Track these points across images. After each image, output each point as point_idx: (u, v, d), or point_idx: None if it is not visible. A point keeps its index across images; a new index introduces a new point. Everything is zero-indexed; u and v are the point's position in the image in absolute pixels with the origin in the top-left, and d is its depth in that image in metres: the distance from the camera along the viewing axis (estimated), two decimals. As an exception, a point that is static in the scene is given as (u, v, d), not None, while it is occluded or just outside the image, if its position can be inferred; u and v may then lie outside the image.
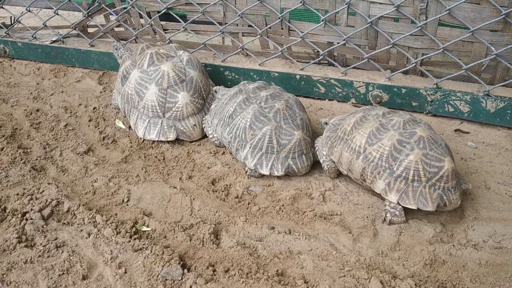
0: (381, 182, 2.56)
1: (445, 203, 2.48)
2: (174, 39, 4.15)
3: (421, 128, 2.55)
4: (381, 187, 2.57)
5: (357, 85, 3.50)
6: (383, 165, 2.55)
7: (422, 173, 2.47)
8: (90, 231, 2.41)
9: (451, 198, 2.50)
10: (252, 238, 2.45)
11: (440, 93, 3.31)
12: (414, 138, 2.52)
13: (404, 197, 2.51)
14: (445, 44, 3.22)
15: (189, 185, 2.84)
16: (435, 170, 2.47)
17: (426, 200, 2.48)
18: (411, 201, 2.49)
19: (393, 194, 2.52)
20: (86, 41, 4.29)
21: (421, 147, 2.49)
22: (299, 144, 2.86)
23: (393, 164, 2.53)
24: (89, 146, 3.20)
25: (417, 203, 2.48)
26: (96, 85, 4.05)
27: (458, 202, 2.52)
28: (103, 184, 2.82)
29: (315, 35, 3.63)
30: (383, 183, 2.56)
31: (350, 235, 2.45)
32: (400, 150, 2.51)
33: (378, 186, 2.58)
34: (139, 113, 3.24)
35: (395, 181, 2.53)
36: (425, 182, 2.49)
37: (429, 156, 2.48)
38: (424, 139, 2.51)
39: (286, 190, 2.82)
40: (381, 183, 2.56)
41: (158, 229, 2.48)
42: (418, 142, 2.51)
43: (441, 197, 2.48)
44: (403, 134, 2.55)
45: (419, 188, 2.49)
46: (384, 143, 2.55)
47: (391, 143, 2.53)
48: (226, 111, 3.00)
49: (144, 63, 3.25)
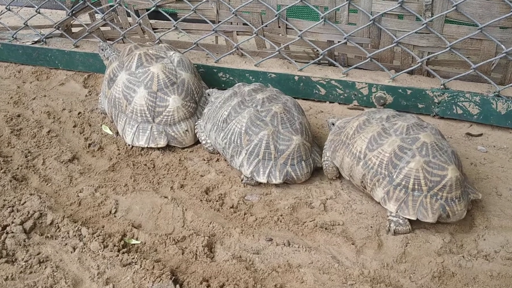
0: (380, 190, 2.58)
1: (448, 214, 2.49)
2: (164, 38, 4.17)
3: (425, 134, 2.57)
4: (380, 195, 2.59)
5: (360, 86, 3.52)
6: (383, 172, 2.57)
7: (423, 181, 2.48)
8: (75, 245, 2.41)
9: (454, 209, 2.50)
10: (248, 250, 2.45)
11: (447, 94, 3.34)
12: (416, 144, 2.53)
13: (403, 206, 2.52)
14: (453, 42, 3.24)
15: (181, 195, 2.84)
16: (437, 179, 2.48)
17: (427, 210, 2.49)
18: (410, 211, 2.50)
19: (392, 203, 2.54)
20: (70, 42, 4.31)
21: (423, 154, 2.50)
22: (298, 149, 2.87)
23: (393, 172, 2.54)
24: (74, 154, 3.20)
25: (417, 214, 2.49)
26: (81, 88, 4.06)
27: (463, 213, 2.53)
28: (89, 195, 2.83)
29: (315, 33, 3.65)
30: (382, 191, 2.58)
31: (353, 246, 2.46)
32: (401, 157, 2.53)
33: (377, 194, 2.60)
34: (127, 118, 3.25)
35: (394, 189, 2.54)
36: (426, 192, 2.50)
37: (432, 164, 2.49)
38: (428, 146, 2.52)
39: (284, 199, 2.82)
40: (380, 191, 2.58)
41: (148, 242, 2.48)
42: (421, 148, 2.52)
43: (444, 208, 2.49)
44: (405, 140, 2.56)
45: (420, 198, 2.50)
46: (384, 149, 2.57)
47: (392, 149, 2.55)
48: (220, 115, 3.02)
49: (132, 65, 3.26)
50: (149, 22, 4.15)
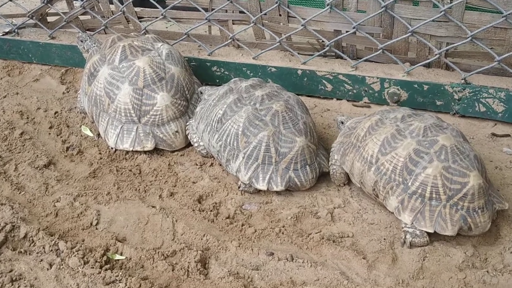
0: (394, 199, 2.58)
1: (469, 226, 2.49)
2: (151, 29, 4.17)
3: (445, 136, 2.56)
4: (393, 205, 2.59)
5: (370, 81, 3.52)
6: (397, 179, 2.58)
7: (442, 190, 2.48)
8: (52, 261, 2.40)
9: (477, 220, 2.50)
10: (247, 266, 2.45)
11: (469, 90, 3.34)
12: (434, 148, 2.53)
13: (419, 217, 2.52)
14: (474, 32, 3.24)
15: (170, 204, 2.84)
16: (458, 187, 2.47)
17: (446, 222, 2.48)
18: (427, 223, 2.50)
19: (406, 213, 2.54)
20: (45, 32, 4.30)
21: (442, 159, 2.50)
22: (302, 152, 2.87)
23: (408, 178, 2.54)
24: (50, 159, 3.20)
25: (435, 226, 2.49)
26: (58, 84, 4.05)
27: (486, 225, 2.52)
28: (67, 204, 2.82)
29: (320, 22, 3.65)
30: (396, 201, 2.58)
31: (364, 261, 2.46)
32: (417, 161, 2.53)
33: (391, 203, 2.60)
34: (110, 118, 3.25)
35: (409, 198, 2.54)
36: (445, 201, 2.50)
37: (451, 170, 2.48)
38: (447, 149, 2.52)
39: (287, 208, 2.82)
40: (394, 200, 2.58)
41: (133, 258, 2.47)
42: (439, 152, 2.52)
43: (465, 219, 2.48)
44: (422, 143, 2.56)
45: (438, 208, 2.50)
46: (398, 152, 2.57)
47: (407, 153, 2.55)
48: (214, 114, 3.02)
49: (115, 58, 3.26)
50: (134, 10, 4.15)
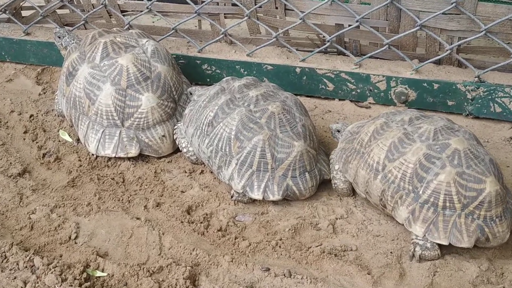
0: (404, 210, 2.59)
1: (487, 237, 2.50)
2: (136, 23, 4.17)
3: (457, 139, 2.57)
4: (403, 215, 2.59)
5: (376, 79, 3.54)
6: (406, 187, 2.58)
7: (456, 198, 2.49)
8: (26, 279, 2.40)
9: (495, 230, 2.51)
10: (240, 283, 2.44)
11: (483, 89, 3.36)
12: (446, 152, 2.54)
13: (432, 229, 2.52)
14: (488, 25, 3.26)
15: (157, 215, 2.84)
16: (474, 194, 2.48)
17: (461, 233, 2.49)
18: (441, 234, 2.51)
19: (418, 225, 2.54)
20: (19, 28, 4.30)
21: (455, 164, 2.51)
22: (301, 158, 2.88)
23: (419, 186, 2.55)
24: (24, 166, 3.20)
25: (449, 238, 2.50)
26: (34, 85, 4.06)
27: (506, 235, 2.54)
28: (43, 216, 2.82)
29: (320, 15, 3.67)
30: (406, 211, 2.58)
31: (369, 276, 2.46)
32: (428, 168, 2.54)
33: (400, 214, 2.61)
34: (90, 121, 3.25)
35: (421, 208, 2.55)
36: (460, 210, 2.51)
37: (466, 176, 2.49)
38: (460, 153, 2.53)
39: (284, 219, 2.83)
40: (404, 210, 2.59)
41: (116, 274, 2.47)
42: (452, 157, 2.52)
43: (482, 230, 2.49)
44: (433, 147, 2.57)
45: (453, 218, 2.51)
46: (407, 158, 2.58)
47: (417, 158, 2.56)
48: (204, 117, 3.03)
49: (96, 56, 3.27)
50: (116, 3, 4.16)
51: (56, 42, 3.70)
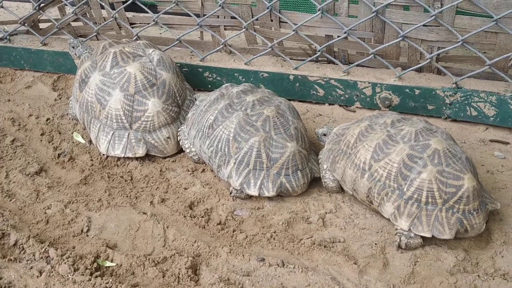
0: (390, 206, 2.60)
1: (466, 228, 2.51)
2: (145, 35, 4.18)
3: (436, 140, 2.58)
4: (389, 211, 2.60)
5: (362, 86, 3.54)
6: (392, 185, 2.59)
7: (437, 194, 2.50)
8: (42, 269, 2.40)
9: (473, 222, 2.53)
10: (237, 272, 2.45)
11: (460, 94, 3.36)
12: (427, 152, 2.55)
13: (416, 223, 2.54)
14: (465, 36, 3.26)
15: (162, 210, 2.84)
16: (453, 190, 2.50)
17: (443, 226, 2.50)
18: (424, 227, 2.52)
19: (403, 219, 2.56)
20: (37, 39, 4.30)
21: (435, 163, 2.52)
22: (293, 158, 2.88)
23: (403, 184, 2.56)
24: (41, 166, 3.20)
25: (432, 230, 2.51)
26: (50, 91, 4.06)
27: (482, 226, 2.55)
28: (58, 211, 2.82)
29: (311, 27, 3.67)
30: (391, 207, 2.59)
31: (355, 266, 2.46)
32: (411, 167, 2.55)
33: (387, 210, 2.61)
34: (101, 124, 3.25)
35: (405, 204, 2.56)
36: (441, 205, 2.52)
37: (446, 174, 2.51)
38: (440, 153, 2.54)
39: (278, 213, 2.83)
40: (390, 206, 2.60)
41: (124, 264, 2.47)
42: (433, 156, 2.54)
43: (461, 222, 2.51)
44: (415, 147, 2.58)
45: (434, 212, 2.52)
46: (392, 158, 2.59)
47: (400, 158, 2.57)
48: (205, 120, 3.02)
49: (107, 64, 3.27)
50: (125, 16, 4.17)
51: (71, 52, 3.69)
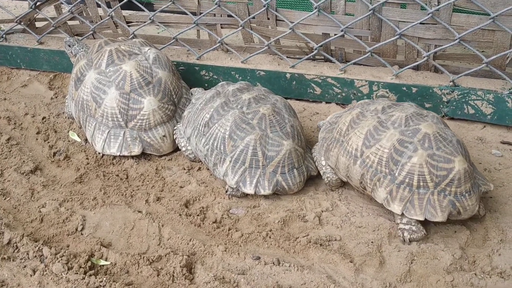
0: (382, 191, 2.62)
1: (458, 210, 2.53)
2: (142, 33, 4.16)
3: (426, 124, 2.61)
4: (382, 196, 2.63)
5: (359, 84, 3.53)
6: (383, 170, 2.62)
7: (429, 177, 2.53)
8: (35, 267, 2.39)
9: (465, 204, 2.54)
10: (233, 271, 2.44)
11: (457, 92, 3.35)
12: (418, 137, 2.58)
13: (409, 206, 2.56)
14: (462, 34, 3.25)
15: (157, 209, 2.83)
16: (444, 173, 2.53)
17: (435, 209, 2.53)
18: (417, 211, 2.54)
19: (396, 204, 2.58)
20: (33, 38, 4.29)
21: (426, 147, 2.55)
22: (290, 156, 2.87)
23: (394, 169, 2.59)
24: (36, 164, 3.18)
25: (425, 213, 2.53)
26: (46, 90, 4.05)
27: (475, 208, 2.57)
28: (52, 210, 2.81)
29: (308, 25, 3.65)
30: (384, 192, 2.62)
31: (351, 264, 2.45)
32: (402, 152, 2.58)
33: (379, 195, 2.64)
34: (96, 122, 3.24)
35: (397, 188, 2.58)
36: (433, 188, 2.55)
37: (436, 157, 2.53)
38: (430, 137, 2.57)
39: (274, 212, 2.82)
40: (382, 191, 2.62)
41: (118, 263, 2.46)
42: (423, 140, 2.57)
43: (453, 204, 2.53)
44: (405, 133, 2.61)
45: (426, 195, 2.55)
46: (383, 144, 2.62)
47: (391, 144, 2.60)
48: (201, 118, 3.01)
49: (102, 63, 3.25)
50: (122, 15, 4.15)
51: (67, 50, 3.68)
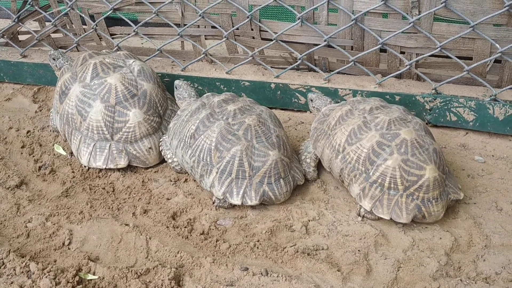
0: (356, 187, 2.76)
1: (423, 215, 2.66)
2: (127, 45, 4.16)
3: (407, 130, 2.72)
4: (356, 191, 2.77)
5: (343, 93, 3.55)
6: (360, 168, 2.75)
7: (400, 181, 2.64)
8: (22, 283, 2.37)
9: (431, 210, 2.66)
10: (221, 282, 2.43)
11: (440, 100, 3.39)
12: (396, 141, 2.69)
13: (378, 205, 2.69)
14: (443, 42, 3.30)
15: (144, 221, 2.82)
16: (414, 179, 2.64)
17: (401, 210, 2.65)
18: (384, 210, 2.67)
19: (367, 200, 2.72)
20: (17, 51, 4.27)
21: (401, 152, 2.66)
22: (276, 166, 2.88)
23: (370, 168, 2.72)
24: (21, 179, 3.16)
25: (391, 213, 2.66)
26: (30, 103, 4.02)
27: (440, 214, 2.69)
28: (39, 224, 2.78)
29: (291, 35, 3.68)
30: (358, 188, 2.76)
31: (339, 273, 2.46)
32: (379, 153, 2.70)
33: (354, 190, 2.79)
34: (82, 136, 3.22)
35: (370, 187, 2.72)
36: (403, 191, 2.66)
37: (410, 163, 2.65)
38: (407, 143, 2.68)
39: (261, 222, 2.82)
40: (356, 187, 2.76)
41: (106, 277, 2.44)
42: (400, 146, 2.68)
43: (419, 208, 2.65)
44: (385, 136, 2.72)
45: (395, 197, 2.67)
46: (363, 144, 2.75)
47: (370, 144, 2.73)
48: (187, 129, 3.01)
49: (87, 76, 3.25)
50: (106, 27, 4.14)
51: (51, 63, 3.66)
